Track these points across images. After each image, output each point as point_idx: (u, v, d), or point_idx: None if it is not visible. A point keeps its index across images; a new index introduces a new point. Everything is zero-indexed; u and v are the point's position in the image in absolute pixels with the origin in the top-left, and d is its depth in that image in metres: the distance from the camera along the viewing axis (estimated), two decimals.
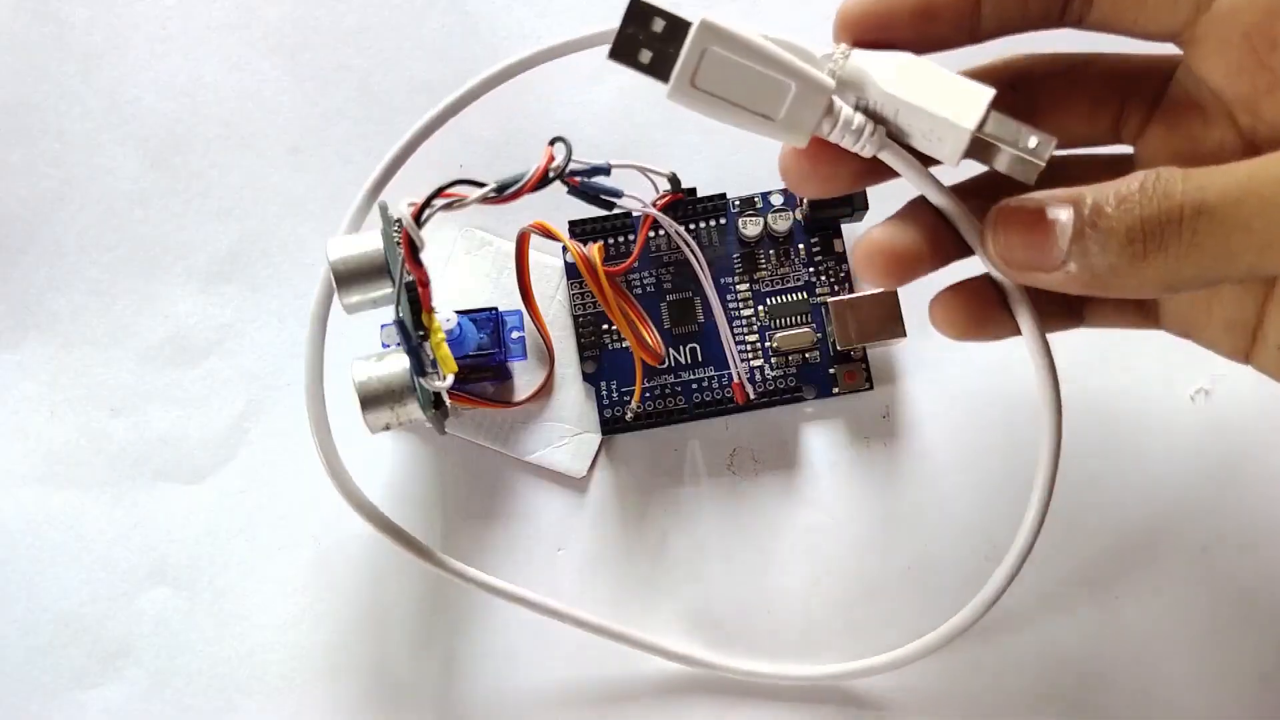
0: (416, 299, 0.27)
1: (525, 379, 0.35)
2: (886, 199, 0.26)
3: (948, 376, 0.34)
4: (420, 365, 0.26)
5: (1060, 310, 0.26)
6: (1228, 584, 0.33)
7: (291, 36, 0.37)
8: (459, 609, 0.33)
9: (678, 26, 0.21)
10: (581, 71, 0.36)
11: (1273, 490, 0.33)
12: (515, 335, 0.33)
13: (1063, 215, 0.20)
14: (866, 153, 0.22)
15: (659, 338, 0.33)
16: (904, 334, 0.32)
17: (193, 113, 0.36)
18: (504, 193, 0.27)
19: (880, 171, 0.23)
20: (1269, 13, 0.20)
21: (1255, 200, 0.18)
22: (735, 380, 0.32)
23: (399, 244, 0.26)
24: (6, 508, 0.34)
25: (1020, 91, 0.24)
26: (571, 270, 0.34)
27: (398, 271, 0.26)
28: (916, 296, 0.29)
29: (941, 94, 0.21)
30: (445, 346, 0.27)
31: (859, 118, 0.21)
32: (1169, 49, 0.23)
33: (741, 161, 0.35)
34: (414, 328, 0.27)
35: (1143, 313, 0.26)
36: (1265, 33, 0.20)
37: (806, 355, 0.34)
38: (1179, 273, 0.19)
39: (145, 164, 0.36)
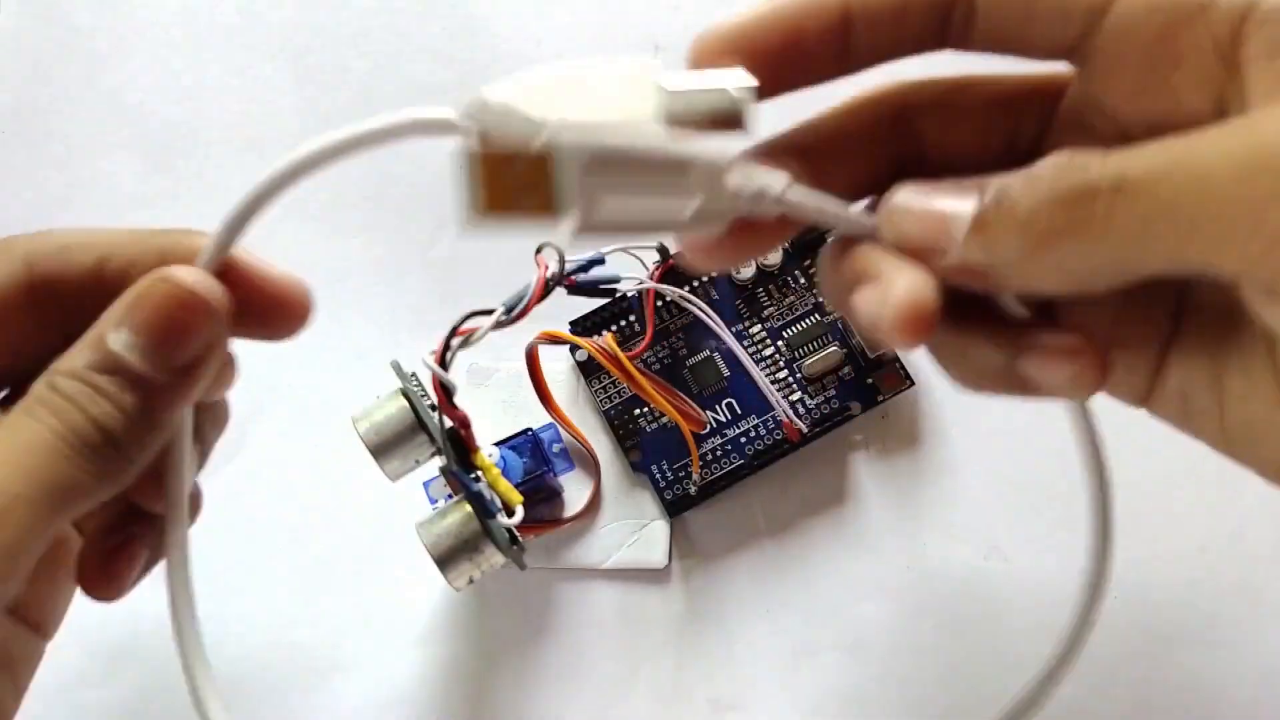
0: (461, 442, 0.26)
1: (572, 490, 0.34)
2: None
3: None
4: (486, 507, 0.25)
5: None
6: (1227, 583, 0.32)
7: (293, 40, 0.37)
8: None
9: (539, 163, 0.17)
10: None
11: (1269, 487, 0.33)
12: (556, 449, 0.32)
13: (964, 205, 0.17)
14: (784, 206, 0.18)
15: (694, 405, 0.32)
16: None
17: (196, 116, 0.37)
18: (513, 313, 0.26)
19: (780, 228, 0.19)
20: (1171, 23, 0.17)
21: (1184, 175, 0.15)
22: (784, 419, 0.32)
23: (424, 396, 0.26)
24: None
25: (901, 126, 0.20)
26: (586, 368, 0.34)
27: (434, 423, 0.25)
28: None
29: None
30: (503, 480, 0.26)
31: (766, 177, 0.18)
32: (1055, 68, 0.20)
33: None
34: (465, 471, 0.26)
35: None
36: (1169, 47, 0.17)
37: (840, 373, 0.33)
38: (1087, 260, 0.16)
39: (149, 167, 0.36)
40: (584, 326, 0.34)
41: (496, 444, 0.31)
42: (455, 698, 0.32)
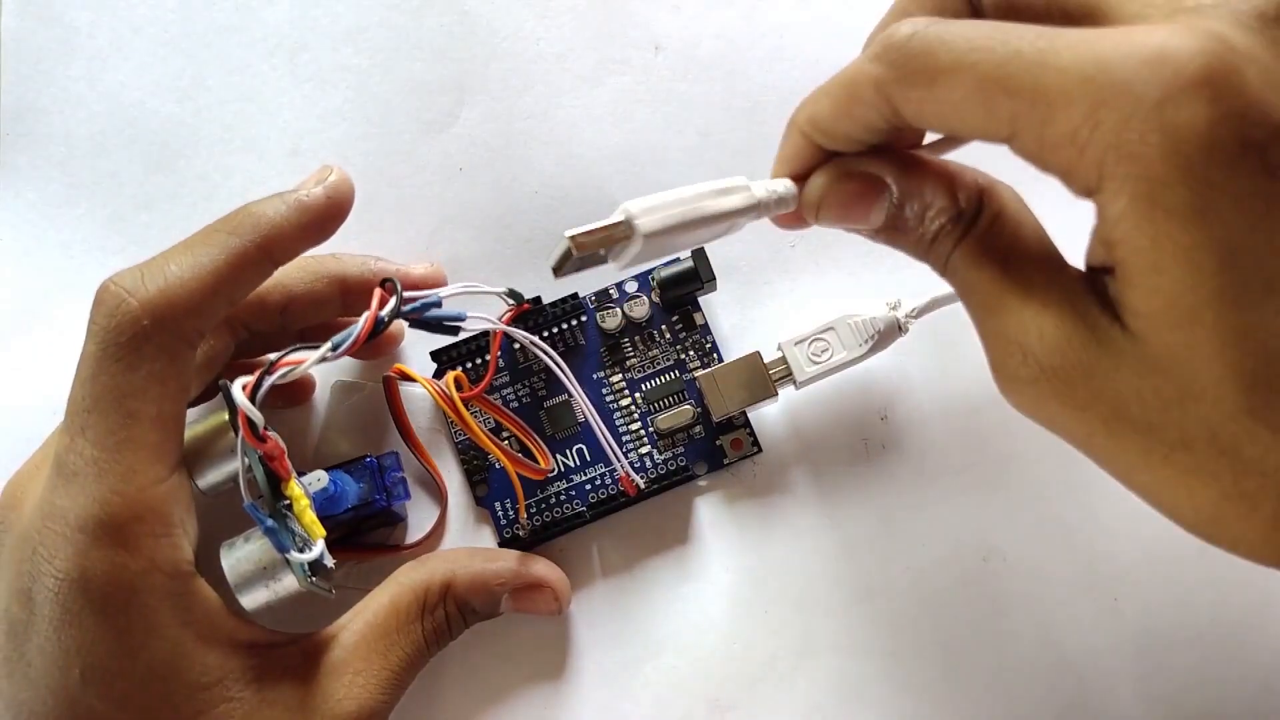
0: (272, 472, 0.26)
1: (420, 517, 0.34)
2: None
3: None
4: (283, 543, 0.26)
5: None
6: (1226, 584, 0.32)
7: (290, 37, 0.37)
8: None
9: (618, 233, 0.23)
10: (579, 73, 0.37)
11: None
12: (395, 476, 0.32)
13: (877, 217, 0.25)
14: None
15: (544, 447, 0.33)
16: (775, 394, 0.32)
17: (195, 115, 0.37)
18: (339, 350, 0.26)
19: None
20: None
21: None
22: (622, 474, 0.32)
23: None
24: None
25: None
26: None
27: (240, 454, 0.26)
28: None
29: None
30: (310, 513, 0.27)
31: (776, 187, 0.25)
32: None
33: None
34: (275, 499, 0.27)
35: None
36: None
37: (691, 431, 0.34)
38: None
39: (149, 167, 0.37)
40: (445, 357, 0.34)
41: (331, 469, 0.31)
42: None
